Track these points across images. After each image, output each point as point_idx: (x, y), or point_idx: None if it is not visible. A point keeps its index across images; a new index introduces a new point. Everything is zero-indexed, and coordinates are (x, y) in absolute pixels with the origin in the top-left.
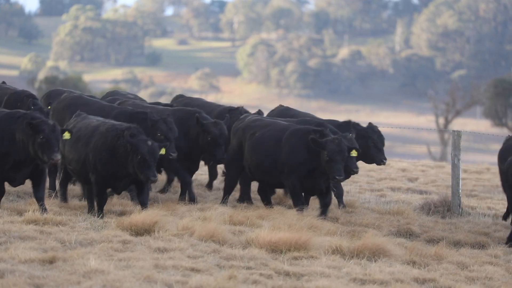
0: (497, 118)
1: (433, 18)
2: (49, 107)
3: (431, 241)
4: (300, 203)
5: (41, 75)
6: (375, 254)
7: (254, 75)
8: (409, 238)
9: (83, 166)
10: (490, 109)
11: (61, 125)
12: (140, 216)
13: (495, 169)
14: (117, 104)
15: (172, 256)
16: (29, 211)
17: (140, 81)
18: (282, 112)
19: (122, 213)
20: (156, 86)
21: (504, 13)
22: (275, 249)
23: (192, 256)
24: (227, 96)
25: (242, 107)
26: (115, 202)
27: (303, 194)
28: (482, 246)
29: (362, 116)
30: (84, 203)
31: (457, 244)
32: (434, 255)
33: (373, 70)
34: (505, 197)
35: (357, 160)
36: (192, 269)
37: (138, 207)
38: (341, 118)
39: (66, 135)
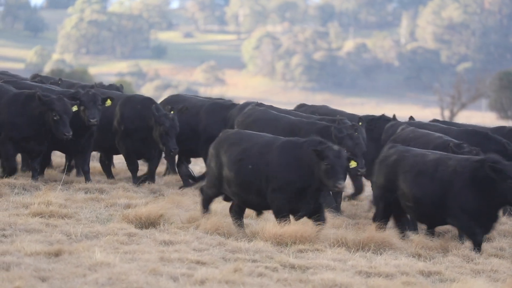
0: (503, 111)
1: (438, 11)
2: (171, 112)
3: (437, 233)
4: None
5: (47, 68)
6: (381, 247)
7: (259, 68)
8: (415, 231)
9: None
10: (495, 102)
11: None
12: (145, 209)
13: None
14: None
15: (177, 249)
16: (35, 204)
17: (146, 74)
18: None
19: (127, 206)
20: (162, 79)
21: (510, 5)
22: (281, 242)
23: (197, 249)
24: (232, 89)
25: (383, 115)
26: (121, 194)
27: None
28: (487, 238)
29: (368, 109)
30: (90, 195)
31: (463, 237)
32: (440, 247)
33: (378, 63)
34: None
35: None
36: (198, 262)
37: (144, 200)
38: (346, 111)
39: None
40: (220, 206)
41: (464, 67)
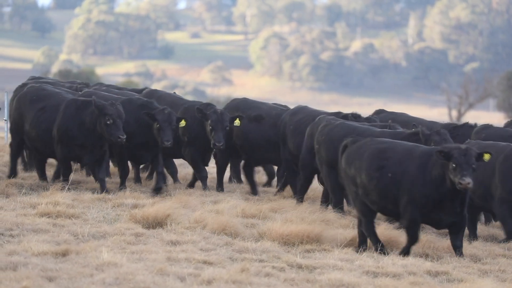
0: (510, 111)
1: (446, 11)
2: (237, 123)
3: (444, 234)
4: None
5: (54, 69)
6: (388, 246)
7: (266, 68)
8: (421, 230)
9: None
10: (503, 102)
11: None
12: (152, 209)
13: None
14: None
15: (184, 249)
16: (42, 204)
17: (153, 74)
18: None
19: (134, 206)
20: (169, 79)
21: None
22: (288, 242)
23: (204, 249)
24: (240, 90)
25: (467, 123)
26: (128, 195)
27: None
28: (495, 238)
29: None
30: (98, 195)
31: (469, 237)
32: (447, 247)
33: (385, 63)
34: None
35: None
36: (205, 262)
37: (151, 200)
38: (353, 111)
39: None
40: (227, 206)
41: (471, 67)
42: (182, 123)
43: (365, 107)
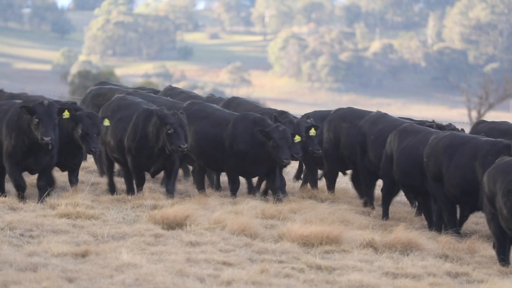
0: None
1: (465, 11)
2: (312, 133)
3: (464, 234)
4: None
5: (74, 70)
6: (407, 247)
7: (285, 68)
8: (441, 231)
9: None
10: None
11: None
12: (172, 209)
13: None
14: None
15: (204, 250)
16: (61, 205)
17: (172, 75)
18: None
19: (154, 207)
20: (188, 80)
21: None
22: (307, 243)
23: (224, 249)
24: (258, 90)
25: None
26: (147, 195)
27: None
28: None
29: (394, 110)
30: (117, 196)
31: (490, 237)
32: (467, 248)
33: (405, 63)
34: None
35: None
36: (224, 263)
37: (170, 201)
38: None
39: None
40: (246, 207)
41: (491, 67)
42: None
43: (384, 108)
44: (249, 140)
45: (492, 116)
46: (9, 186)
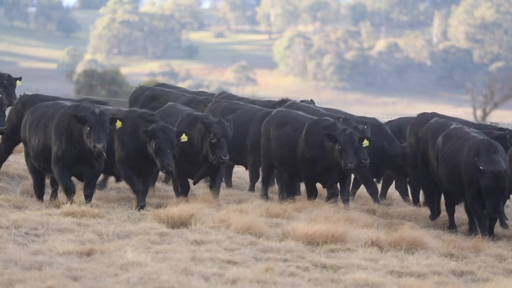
0: None
1: (470, 10)
2: (365, 144)
3: (469, 233)
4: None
5: (79, 68)
6: (412, 246)
7: (290, 67)
8: (446, 230)
9: None
10: None
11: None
12: (177, 208)
13: None
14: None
15: (209, 249)
16: (66, 203)
17: (177, 74)
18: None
19: (159, 206)
20: (193, 79)
21: None
22: (312, 241)
23: (228, 248)
24: (264, 89)
25: None
26: (152, 194)
27: None
28: None
29: (399, 109)
30: (122, 195)
31: (495, 236)
32: (472, 247)
33: (410, 62)
34: None
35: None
36: (229, 262)
37: (175, 199)
38: (377, 111)
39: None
40: (252, 205)
41: (496, 66)
42: None
43: (390, 107)
44: (319, 146)
45: (498, 114)
46: (14, 185)
